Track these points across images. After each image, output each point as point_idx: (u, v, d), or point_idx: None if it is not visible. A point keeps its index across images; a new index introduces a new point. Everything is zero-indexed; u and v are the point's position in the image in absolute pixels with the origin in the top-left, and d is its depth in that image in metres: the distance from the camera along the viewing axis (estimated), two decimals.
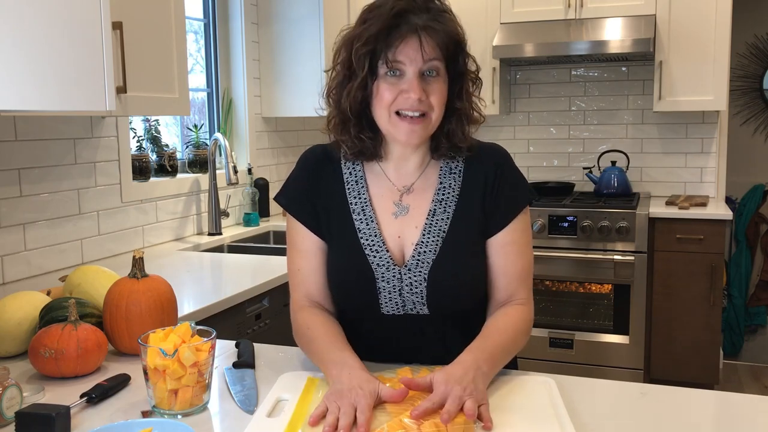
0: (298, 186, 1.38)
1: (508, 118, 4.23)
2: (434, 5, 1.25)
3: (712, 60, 3.53)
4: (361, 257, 1.30)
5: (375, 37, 1.21)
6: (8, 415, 1.12)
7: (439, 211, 1.32)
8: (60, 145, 2.29)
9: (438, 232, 1.30)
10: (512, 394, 1.17)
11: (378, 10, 1.22)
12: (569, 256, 3.53)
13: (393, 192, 1.34)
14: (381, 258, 1.30)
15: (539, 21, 3.73)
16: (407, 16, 1.21)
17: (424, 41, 1.20)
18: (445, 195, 1.33)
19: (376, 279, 1.30)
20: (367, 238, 1.31)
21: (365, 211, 1.33)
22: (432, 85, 1.24)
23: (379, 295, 1.30)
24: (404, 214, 1.32)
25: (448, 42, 1.23)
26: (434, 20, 1.22)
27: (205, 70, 3.30)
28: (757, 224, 4.59)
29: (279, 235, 3.29)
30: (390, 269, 1.30)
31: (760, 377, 4.11)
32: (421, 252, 1.30)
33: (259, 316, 2.15)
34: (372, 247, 1.30)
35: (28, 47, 1.39)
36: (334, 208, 1.34)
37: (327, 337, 1.26)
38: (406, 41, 1.20)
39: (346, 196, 1.34)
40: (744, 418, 1.14)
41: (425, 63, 1.22)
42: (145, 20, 2.14)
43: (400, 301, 1.31)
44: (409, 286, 1.30)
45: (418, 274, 1.29)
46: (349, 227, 1.32)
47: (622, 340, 3.50)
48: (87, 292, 1.57)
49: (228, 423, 1.14)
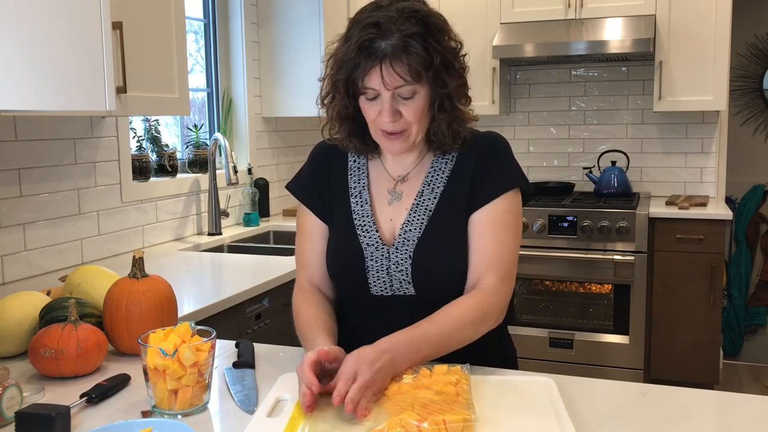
0: (307, 174, 1.47)
1: (508, 118, 4.23)
2: (405, 27, 1.22)
3: (712, 60, 3.53)
4: (352, 237, 1.37)
5: (346, 66, 1.26)
6: (8, 415, 1.12)
7: (427, 192, 1.36)
8: (60, 145, 2.29)
9: (424, 211, 1.35)
10: (512, 394, 1.17)
11: (355, 29, 1.25)
12: (569, 256, 3.53)
13: (389, 181, 1.41)
14: (371, 238, 1.36)
15: (539, 21, 3.73)
16: (374, 44, 1.22)
17: (386, 73, 1.22)
18: (435, 176, 1.38)
19: (365, 258, 1.35)
20: (360, 219, 1.38)
21: (362, 195, 1.40)
22: (406, 105, 1.26)
23: (368, 273, 1.35)
24: (398, 200, 1.38)
25: (417, 66, 1.22)
26: (402, 47, 1.21)
27: (205, 70, 3.30)
28: (757, 224, 4.59)
29: (279, 235, 3.29)
30: (379, 248, 1.35)
31: (760, 377, 4.11)
32: (407, 230, 1.35)
33: (259, 316, 2.15)
34: (363, 227, 1.37)
35: (28, 47, 1.39)
36: (337, 194, 1.42)
37: (311, 321, 1.32)
38: (372, 71, 1.23)
39: (347, 181, 1.42)
40: (744, 418, 1.14)
41: (394, 89, 1.24)
42: (145, 20, 2.15)
43: (388, 280, 1.35)
44: (396, 264, 1.34)
45: (404, 252, 1.33)
46: (346, 210, 1.40)
47: (622, 340, 3.50)
48: (87, 292, 1.57)
49: (228, 423, 1.14)
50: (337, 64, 1.28)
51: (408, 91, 1.24)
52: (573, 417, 1.08)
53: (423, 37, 1.22)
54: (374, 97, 1.27)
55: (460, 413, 1.04)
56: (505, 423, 1.07)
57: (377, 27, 1.22)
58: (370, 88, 1.25)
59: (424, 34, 1.23)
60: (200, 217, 3.03)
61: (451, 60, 1.27)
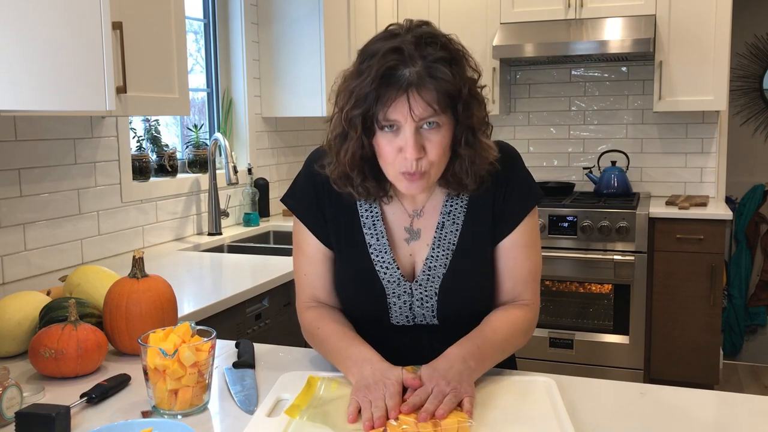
0: (305, 190, 1.34)
1: (508, 118, 4.24)
2: (429, 52, 1.12)
3: (712, 60, 3.53)
4: (371, 273, 1.30)
5: (365, 98, 1.13)
6: (8, 415, 1.12)
7: (448, 224, 1.30)
8: (60, 145, 2.29)
9: (448, 245, 1.30)
10: (512, 394, 1.17)
11: (371, 60, 1.13)
12: (569, 256, 3.53)
13: (404, 215, 1.32)
14: (391, 275, 1.30)
15: (539, 21, 3.73)
16: (398, 70, 1.11)
17: (413, 100, 1.11)
18: (454, 206, 1.31)
19: (387, 294, 1.30)
20: (378, 254, 1.30)
21: (376, 226, 1.31)
22: (430, 138, 1.15)
23: (389, 309, 1.32)
24: (416, 240, 1.31)
25: (445, 94, 1.13)
26: (427, 73, 1.11)
27: (205, 70, 3.30)
28: (757, 224, 4.59)
29: (279, 235, 3.29)
30: (401, 285, 1.30)
31: (760, 377, 4.11)
32: (432, 267, 1.30)
33: (259, 316, 2.15)
34: (382, 263, 1.30)
35: (28, 47, 1.39)
36: (344, 218, 1.32)
37: (339, 334, 1.27)
38: (396, 101, 1.12)
39: (356, 208, 1.32)
40: (744, 418, 1.14)
41: (420, 120, 1.14)
42: (145, 20, 2.14)
43: (410, 313, 1.32)
44: (420, 300, 1.30)
45: (429, 288, 1.30)
46: (360, 241, 1.31)
47: (622, 340, 3.50)
48: (87, 292, 1.57)
49: (228, 423, 1.14)
50: (353, 98, 1.15)
51: (435, 122, 1.14)
52: (573, 417, 1.08)
53: (449, 62, 1.13)
54: (393, 131, 1.15)
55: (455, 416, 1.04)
56: (505, 423, 1.06)
57: (399, 53, 1.12)
58: (393, 120, 1.14)
59: (450, 60, 1.14)
60: (200, 217, 3.03)
61: (474, 89, 1.19)
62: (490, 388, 1.19)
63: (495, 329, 1.26)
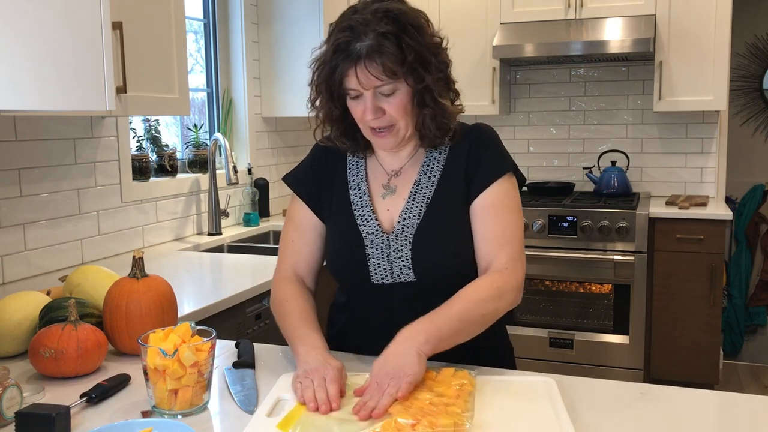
0: (306, 169, 1.49)
1: (508, 118, 4.24)
2: (378, 27, 1.24)
3: (712, 60, 3.53)
4: (353, 226, 1.39)
5: (325, 70, 1.31)
6: (8, 415, 1.12)
7: (424, 180, 1.39)
8: (60, 145, 2.29)
9: (422, 199, 1.38)
10: (512, 394, 1.17)
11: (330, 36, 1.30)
12: (569, 256, 3.53)
13: (383, 175, 1.43)
14: (370, 226, 1.38)
15: (539, 21, 3.73)
16: (350, 46, 1.25)
17: (361, 73, 1.25)
18: (431, 166, 1.40)
19: (366, 246, 1.38)
20: (360, 209, 1.41)
21: (360, 187, 1.43)
22: (388, 101, 1.29)
23: (368, 261, 1.37)
24: (391, 194, 1.41)
25: (390, 65, 1.25)
26: (375, 47, 1.24)
27: (205, 70, 3.30)
28: (757, 224, 4.59)
29: (279, 235, 3.28)
30: (378, 236, 1.37)
31: (760, 377, 4.11)
32: (406, 218, 1.37)
33: (259, 316, 2.15)
34: (363, 217, 1.40)
35: (29, 47, 1.39)
36: (336, 188, 1.44)
37: (300, 314, 1.35)
38: (348, 73, 1.27)
39: (347, 176, 1.45)
40: (744, 418, 1.14)
41: (372, 89, 1.27)
42: (145, 20, 2.14)
43: (389, 267, 1.36)
44: (396, 251, 1.35)
45: (403, 238, 1.36)
46: (346, 201, 1.42)
47: (622, 340, 3.50)
48: (87, 292, 1.57)
49: (228, 423, 1.14)
50: (318, 68, 1.33)
51: (388, 88, 1.27)
52: (573, 417, 1.08)
53: (396, 35, 1.25)
54: (357, 96, 1.30)
55: (451, 417, 1.04)
56: (505, 423, 1.07)
57: (351, 30, 1.25)
58: (351, 89, 1.29)
59: (397, 33, 1.25)
60: (200, 217, 3.03)
61: (427, 55, 1.28)
62: (490, 388, 1.19)
63: (453, 301, 1.26)
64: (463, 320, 1.24)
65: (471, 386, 1.16)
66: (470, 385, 1.16)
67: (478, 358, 1.34)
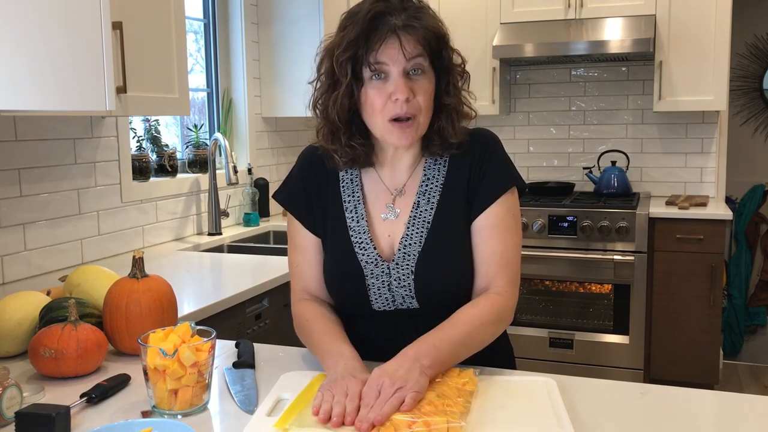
0: (296, 184, 1.41)
1: (508, 118, 4.23)
2: (411, 4, 1.25)
3: (712, 60, 3.53)
4: (350, 254, 1.33)
5: (355, 42, 1.22)
6: (8, 415, 1.12)
7: (423, 203, 1.33)
8: (60, 145, 2.29)
9: (423, 224, 1.32)
10: (512, 394, 1.17)
11: (355, 16, 1.23)
12: (569, 256, 3.53)
13: (386, 194, 1.36)
14: (369, 255, 1.32)
15: (539, 21, 3.73)
16: (384, 17, 1.21)
17: (404, 40, 1.21)
18: (429, 186, 1.34)
19: (365, 275, 1.32)
20: (357, 235, 1.34)
21: (357, 209, 1.35)
22: (418, 84, 1.24)
23: (368, 291, 1.33)
24: (393, 217, 1.34)
25: (429, 38, 1.23)
26: (413, 18, 1.22)
27: (205, 70, 3.30)
28: (757, 224, 4.58)
29: (279, 235, 3.29)
30: (378, 265, 1.32)
31: (760, 377, 4.11)
32: (407, 245, 1.32)
33: (259, 316, 2.15)
34: (360, 245, 1.33)
35: (28, 47, 1.39)
36: (330, 206, 1.37)
37: (324, 328, 1.30)
38: (386, 42, 1.21)
39: (341, 194, 1.37)
40: (744, 418, 1.14)
41: (408, 61, 1.22)
42: (145, 20, 2.14)
43: (390, 296, 1.33)
44: (398, 280, 1.31)
45: (405, 267, 1.31)
46: (342, 225, 1.35)
47: (622, 340, 3.50)
48: (87, 292, 1.57)
49: (228, 423, 1.14)
50: (343, 43, 1.23)
51: (420, 64, 1.23)
52: (573, 417, 1.08)
53: (428, 13, 1.26)
54: (381, 78, 1.23)
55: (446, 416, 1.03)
56: (505, 423, 1.06)
57: (386, 2, 1.22)
58: (382, 63, 1.22)
59: (428, 11, 1.26)
60: (200, 217, 3.03)
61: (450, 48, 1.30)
62: (490, 388, 1.19)
63: (456, 324, 1.25)
64: (465, 345, 1.24)
65: (473, 386, 1.16)
66: (472, 384, 1.16)
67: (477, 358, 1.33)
